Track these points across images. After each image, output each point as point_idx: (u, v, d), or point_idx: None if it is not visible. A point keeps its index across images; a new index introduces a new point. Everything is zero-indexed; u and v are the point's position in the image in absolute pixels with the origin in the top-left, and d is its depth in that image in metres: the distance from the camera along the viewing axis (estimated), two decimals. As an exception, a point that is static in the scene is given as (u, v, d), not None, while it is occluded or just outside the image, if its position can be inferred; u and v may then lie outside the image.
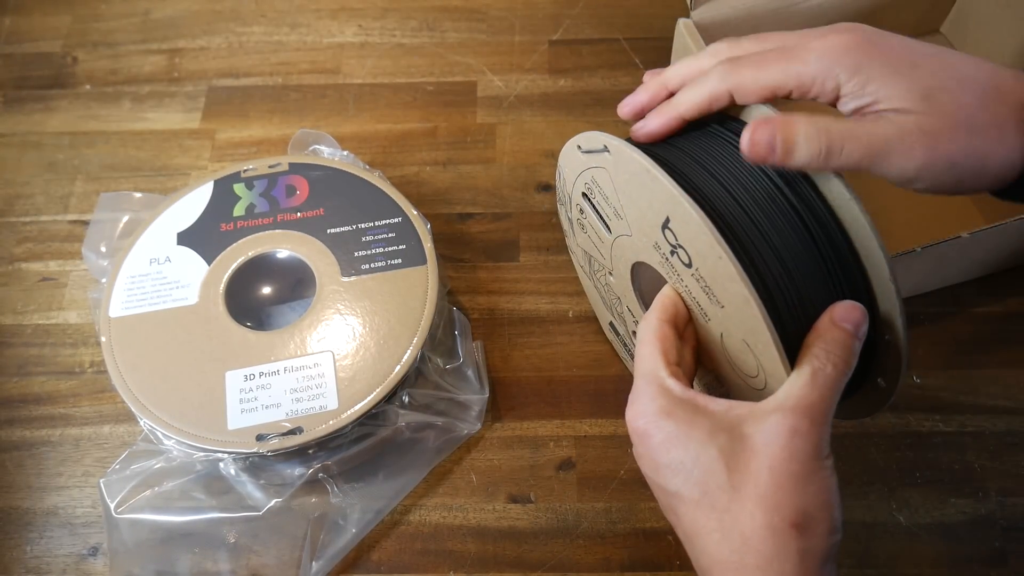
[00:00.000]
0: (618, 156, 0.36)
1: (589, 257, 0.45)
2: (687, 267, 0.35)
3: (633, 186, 0.36)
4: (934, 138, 0.31)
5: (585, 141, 0.39)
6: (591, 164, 0.39)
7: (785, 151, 0.32)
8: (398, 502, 0.46)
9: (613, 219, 0.39)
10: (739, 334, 0.34)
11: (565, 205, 0.45)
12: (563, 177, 0.43)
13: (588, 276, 0.47)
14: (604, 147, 0.37)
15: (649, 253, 0.37)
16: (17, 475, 0.48)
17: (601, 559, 0.44)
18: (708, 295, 0.34)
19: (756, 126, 0.32)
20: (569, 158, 0.41)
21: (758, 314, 0.31)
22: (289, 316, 0.50)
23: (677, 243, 0.34)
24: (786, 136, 0.32)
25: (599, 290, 0.46)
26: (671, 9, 0.63)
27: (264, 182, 0.51)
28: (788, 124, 0.32)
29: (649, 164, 0.34)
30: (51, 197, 0.58)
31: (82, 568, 0.45)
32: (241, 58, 0.64)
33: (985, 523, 0.45)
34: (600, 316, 0.50)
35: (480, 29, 0.65)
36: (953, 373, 0.49)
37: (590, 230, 0.43)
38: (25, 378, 0.51)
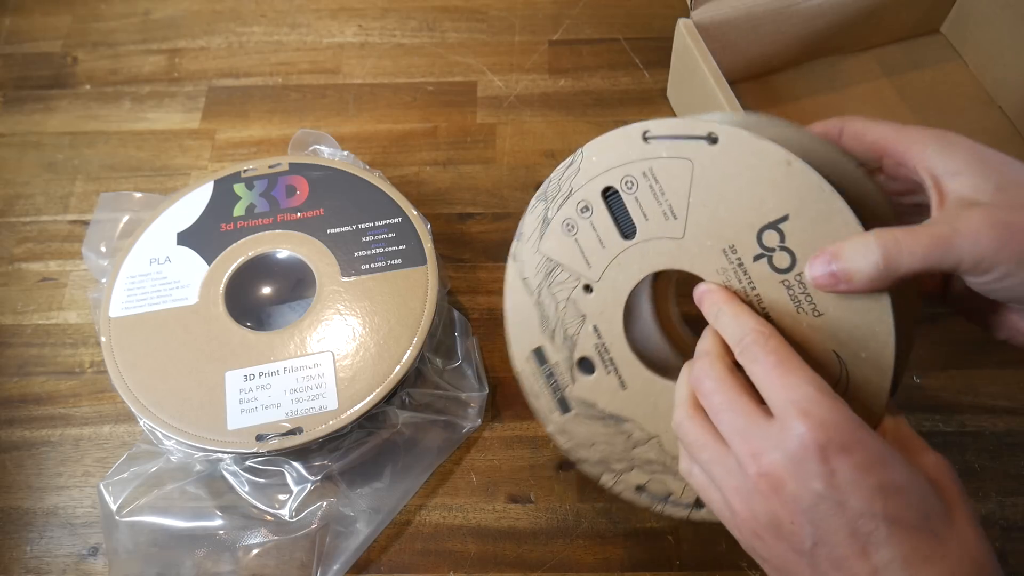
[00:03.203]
0: (735, 146, 0.34)
1: (551, 268, 0.39)
2: (780, 273, 0.34)
3: (742, 180, 0.34)
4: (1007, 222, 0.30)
5: (674, 127, 0.36)
6: (657, 154, 0.36)
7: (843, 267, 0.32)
8: (405, 504, 0.46)
9: (652, 220, 0.37)
10: (831, 344, 0.33)
11: (550, 202, 0.39)
12: (578, 171, 0.38)
13: (528, 291, 0.40)
14: (709, 135, 0.35)
15: (705, 259, 0.36)
16: (17, 475, 0.48)
17: (601, 559, 0.44)
18: (797, 305, 0.34)
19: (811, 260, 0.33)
20: (611, 149, 0.37)
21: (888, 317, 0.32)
22: (289, 316, 0.50)
23: (781, 245, 0.34)
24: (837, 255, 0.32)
25: (542, 308, 0.40)
26: (671, 9, 0.63)
27: (264, 182, 0.51)
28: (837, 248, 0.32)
29: (789, 156, 0.33)
30: (51, 197, 0.58)
31: (82, 568, 0.45)
32: (241, 58, 0.64)
33: (985, 523, 0.45)
34: (515, 342, 0.41)
35: (480, 29, 0.65)
36: (953, 373, 0.49)
37: (584, 234, 0.38)
38: (25, 378, 0.51)
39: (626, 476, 0.39)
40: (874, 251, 0.31)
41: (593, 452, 0.39)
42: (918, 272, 0.30)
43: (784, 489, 0.29)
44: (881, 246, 0.30)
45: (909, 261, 0.30)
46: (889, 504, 0.28)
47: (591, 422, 0.39)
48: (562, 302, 0.39)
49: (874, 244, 0.31)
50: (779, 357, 0.31)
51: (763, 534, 0.30)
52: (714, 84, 0.50)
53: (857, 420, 0.29)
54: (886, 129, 0.34)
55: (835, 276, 0.32)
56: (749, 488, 0.30)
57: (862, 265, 0.31)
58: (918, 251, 0.30)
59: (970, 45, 0.60)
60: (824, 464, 0.28)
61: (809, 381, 0.30)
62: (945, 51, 0.61)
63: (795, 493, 0.29)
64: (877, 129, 0.34)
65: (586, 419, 0.39)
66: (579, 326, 0.39)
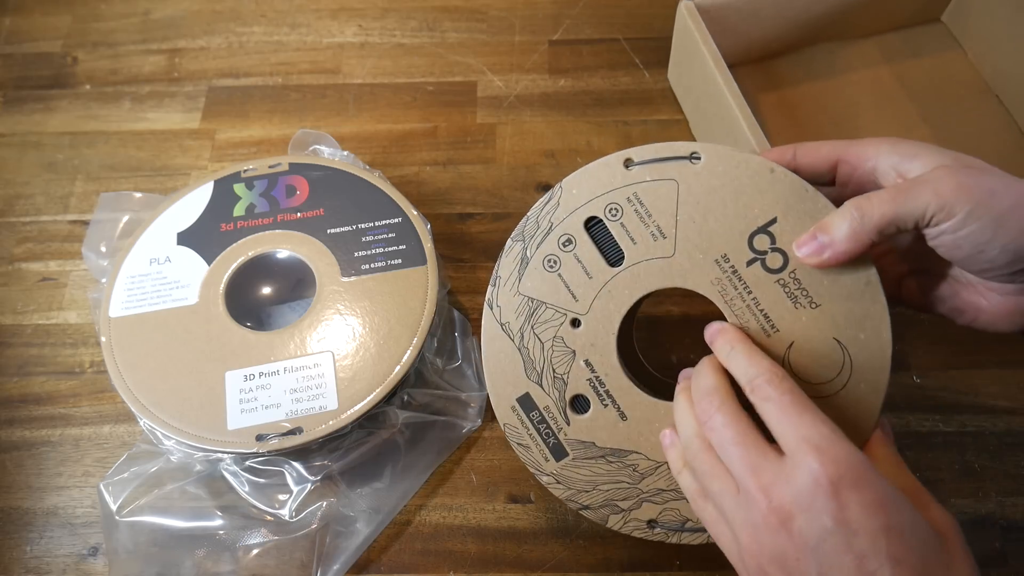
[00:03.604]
0: (718, 160, 0.37)
1: (534, 308, 0.39)
2: (775, 273, 0.36)
3: (728, 191, 0.37)
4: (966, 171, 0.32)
5: (656, 150, 0.38)
6: (641, 179, 0.38)
7: (829, 236, 0.34)
8: (405, 504, 0.46)
9: (640, 243, 0.38)
10: (831, 333, 0.35)
11: (528, 241, 0.39)
12: (558, 205, 0.39)
13: (509, 336, 0.39)
14: (691, 154, 0.37)
15: (699, 272, 0.37)
16: (17, 475, 0.48)
17: (601, 559, 0.44)
18: (794, 301, 0.36)
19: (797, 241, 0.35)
20: (592, 179, 0.38)
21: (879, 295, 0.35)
22: (289, 316, 0.50)
23: (773, 246, 0.36)
24: (821, 227, 0.35)
25: (526, 352, 0.39)
26: (671, 9, 0.63)
27: (264, 182, 0.51)
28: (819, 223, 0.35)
29: (771, 163, 0.36)
30: (51, 197, 0.58)
31: (82, 568, 0.45)
32: (241, 58, 0.64)
33: (985, 523, 0.45)
34: (499, 393, 0.40)
35: (480, 29, 0.65)
36: (953, 373, 0.49)
37: (568, 268, 0.39)
38: (25, 378, 0.51)
39: (636, 513, 0.38)
40: (848, 210, 0.33)
41: (596, 495, 0.39)
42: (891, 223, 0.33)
43: (793, 523, 0.30)
44: (855, 205, 0.33)
45: (880, 211, 0.33)
46: (893, 545, 0.28)
47: (591, 463, 0.39)
48: (548, 341, 0.39)
49: (849, 205, 0.34)
50: (793, 397, 0.32)
51: (768, 569, 0.31)
52: (713, 67, 0.51)
53: (867, 462, 0.30)
54: (838, 142, 0.36)
55: (820, 244, 0.34)
56: (757, 522, 0.31)
57: (840, 225, 0.34)
58: (886, 199, 0.33)
59: (970, 35, 0.60)
60: (834, 499, 0.29)
61: (823, 421, 0.31)
62: (945, 40, 0.61)
63: (803, 528, 0.29)
64: (829, 143, 0.36)
65: (585, 461, 0.39)
66: (569, 363, 0.39)
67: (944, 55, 0.61)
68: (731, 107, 0.49)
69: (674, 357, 0.49)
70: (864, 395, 0.35)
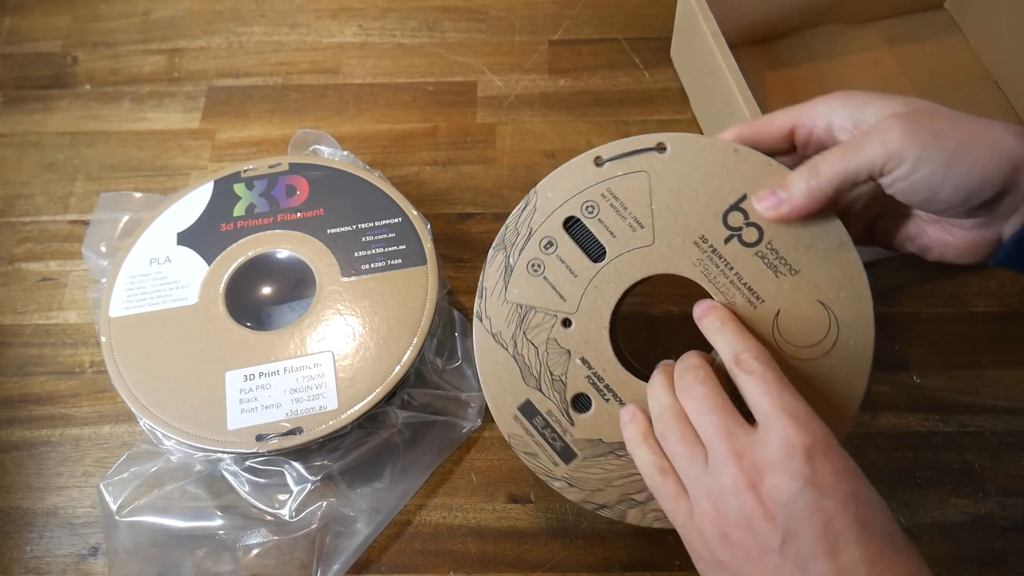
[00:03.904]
0: (683, 147, 0.38)
1: (523, 314, 0.39)
2: (752, 246, 0.37)
3: (697, 175, 0.38)
4: (913, 117, 0.33)
5: (624, 145, 0.39)
6: (613, 174, 0.39)
7: (787, 192, 0.36)
8: (405, 504, 0.46)
9: (620, 236, 0.39)
10: (814, 296, 0.37)
11: (510, 249, 0.40)
12: (535, 210, 0.40)
13: (503, 346, 0.39)
14: (658, 144, 0.39)
15: (680, 256, 0.38)
16: (17, 475, 0.48)
17: (601, 559, 0.44)
18: (774, 271, 0.37)
19: (757, 194, 0.37)
20: (566, 180, 0.39)
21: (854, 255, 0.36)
22: (289, 316, 0.50)
23: (747, 221, 0.37)
24: (781, 183, 0.36)
25: (521, 358, 0.39)
26: (671, 9, 0.63)
27: (264, 182, 0.51)
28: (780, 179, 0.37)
29: (734, 144, 0.38)
30: (51, 197, 0.58)
31: (82, 568, 0.45)
32: (241, 58, 0.64)
33: (985, 523, 0.45)
34: (499, 403, 0.40)
35: (480, 29, 0.65)
36: (953, 373, 0.49)
37: (552, 270, 0.39)
38: (25, 378, 0.51)
39: (653, 504, 0.38)
40: (804, 169, 0.35)
41: (610, 493, 0.38)
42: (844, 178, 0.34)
43: (763, 484, 0.30)
44: (810, 164, 0.35)
45: (831, 168, 0.34)
46: (861, 509, 0.30)
47: (601, 460, 0.39)
48: (542, 345, 0.39)
49: (802, 166, 0.35)
50: (776, 374, 0.33)
51: (731, 533, 0.31)
52: (715, 46, 0.51)
53: (834, 437, 0.31)
54: (789, 109, 0.37)
55: (779, 199, 0.36)
56: (726, 486, 0.31)
57: (798, 183, 0.35)
58: (836, 157, 0.34)
59: (971, 22, 0.61)
60: (808, 463, 0.30)
61: (801, 399, 0.32)
62: (947, 26, 0.62)
63: (774, 488, 0.30)
64: (781, 113, 0.38)
65: (595, 459, 0.39)
66: (566, 363, 0.39)
67: (945, 40, 0.61)
68: (730, 84, 0.49)
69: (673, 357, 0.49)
70: (855, 352, 0.37)
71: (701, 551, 0.33)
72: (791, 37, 0.61)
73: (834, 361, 0.37)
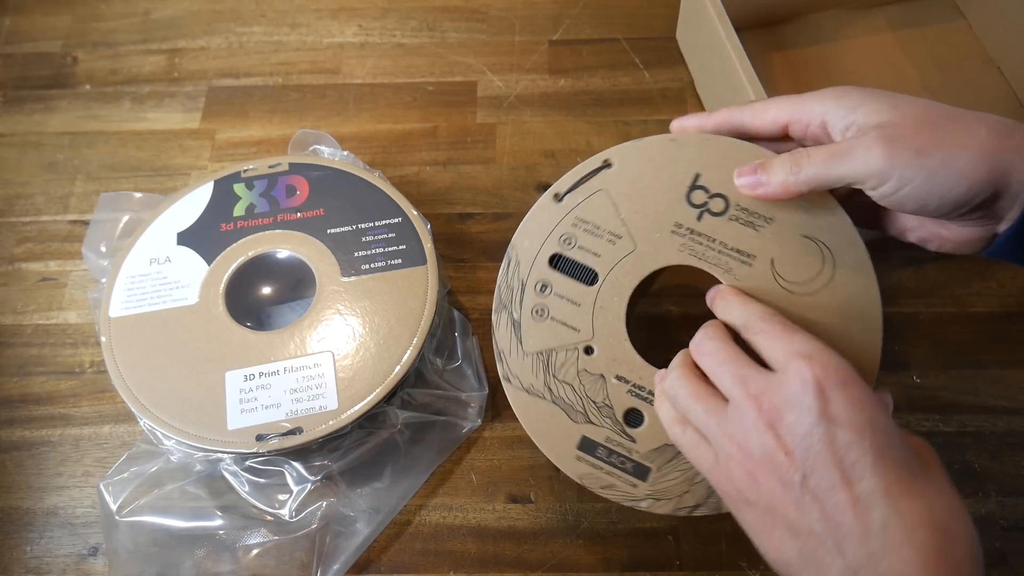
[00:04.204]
0: (626, 156, 0.41)
1: (547, 359, 0.40)
2: (723, 214, 0.40)
3: (648, 174, 0.40)
4: (894, 133, 0.33)
5: (575, 174, 0.41)
6: (575, 203, 0.41)
7: (766, 176, 0.37)
8: (405, 504, 0.46)
9: (605, 254, 0.40)
10: (797, 232, 0.39)
11: (511, 305, 0.41)
12: (519, 263, 0.41)
13: (539, 396, 0.40)
14: (604, 161, 0.41)
15: (665, 248, 0.40)
16: (17, 475, 0.48)
17: (601, 559, 0.44)
18: (752, 227, 0.39)
19: (739, 170, 0.38)
20: (536, 225, 0.41)
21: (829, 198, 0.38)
22: (289, 316, 0.50)
23: (710, 194, 0.40)
24: (763, 165, 0.37)
25: (561, 400, 0.40)
26: (671, 9, 0.63)
27: (264, 182, 0.51)
28: (763, 160, 0.38)
29: (668, 136, 0.41)
30: (51, 197, 0.58)
31: (82, 568, 0.45)
32: (241, 58, 0.64)
33: (985, 523, 0.45)
34: (558, 451, 0.40)
35: (480, 29, 0.65)
36: (953, 373, 0.49)
37: (556, 309, 0.40)
38: (25, 378, 0.51)
39: None
40: (787, 161, 0.36)
41: (698, 490, 0.38)
42: (822, 181, 0.35)
43: (782, 422, 0.31)
44: (794, 159, 0.36)
45: (811, 170, 0.35)
46: (876, 438, 0.30)
47: (675, 464, 0.39)
48: (575, 380, 0.40)
49: (787, 156, 0.36)
50: (784, 324, 0.34)
51: (755, 471, 0.32)
52: (720, 28, 0.51)
53: (852, 367, 0.32)
54: (781, 102, 0.38)
55: (757, 180, 0.37)
56: (747, 427, 0.32)
57: (778, 171, 0.36)
58: (819, 161, 0.35)
59: (974, 7, 0.61)
60: (820, 396, 0.31)
61: (810, 337, 0.33)
62: (950, 11, 0.62)
63: (792, 425, 0.31)
64: (774, 105, 0.38)
65: (668, 465, 0.39)
66: (603, 388, 0.40)
67: (948, 26, 0.62)
68: (735, 65, 0.50)
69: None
70: (854, 274, 0.39)
71: (729, 491, 0.33)
72: (796, 20, 0.62)
73: (839, 288, 0.38)
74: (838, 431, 0.30)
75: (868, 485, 0.29)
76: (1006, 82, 0.59)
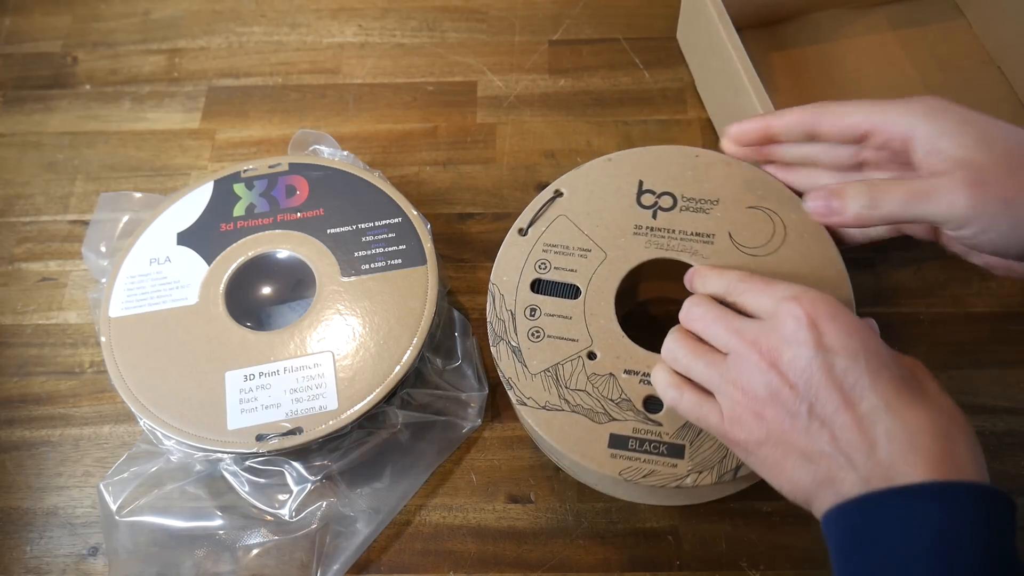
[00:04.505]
0: (575, 181, 0.46)
1: (555, 373, 0.41)
2: (673, 208, 0.44)
3: (597, 191, 0.45)
4: (982, 178, 0.33)
5: (532, 208, 0.46)
6: (539, 232, 0.45)
7: (840, 204, 0.37)
8: (405, 504, 0.46)
9: (580, 268, 0.44)
10: (741, 205, 0.44)
11: (507, 335, 0.43)
12: (503, 297, 0.44)
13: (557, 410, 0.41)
14: (556, 191, 0.46)
15: (632, 250, 0.44)
16: (17, 475, 0.48)
17: (601, 559, 0.44)
18: (702, 211, 0.44)
19: (811, 193, 0.39)
20: (510, 259, 0.44)
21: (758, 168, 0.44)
22: (289, 316, 0.50)
23: (658, 194, 0.45)
24: (837, 193, 0.37)
25: (580, 407, 0.41)
26: (671, 9, 0.63)
27: (264, 182, 0.51)
28: (837, 186, 0.38)
29: (603, 159, 0.46)
30: (51, 197, 0.58)
31: (82, 568, 0.45)
32: (241, 58, 0.64)
33: (985, 523, 0.45)
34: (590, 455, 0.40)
35: (480, 29, 0.65)
36: (953, 373, 0.49)
37: (550, 327, 0.42)
38: (25, 378, 0.51)
39: None
40: (864, 193, 0.36)
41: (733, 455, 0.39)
42: (899, 218, 0.36)
43: (782, 359, 0.33)
44: (870, 193, 0.36)
45: (889, 207, 0.36)
46: (871, 359, 0.32)
47: (706, 434, 0.39)
48: (587, 385, 0.41)
49: (865, 188, 0.37)
50: (765, 279, 0.36)
51: (763, 410, 0.33)
52: (720, 28, 0.51)
53: (838, 302, 0.34)
54: (866, 109, 0.37)
55: (830, 208, 0.38)
56: (750, 370, 0.34)
57: (852, 203, 0.37)
58: (899, 198, 0.35)
59: (975, 7, 0.61)
60: (813, 329, 0.33)
61: (792, 284, 0.35)
62: (951, 11, 0.62)
63: (791, 360, 0.33)
64: (856, 111, 0.38)
65: (699, 438, 0.39)
66: (616, 384, 0.41)
67: (948, 25, 0.62)
68: (735, 65, 0.50)
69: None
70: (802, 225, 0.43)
71: (739, 437, 0.35)
72: (796, 20, 0.62)
73: (796, 238, 0.43)
74: (835, 358, 0.32)
75: (869, 403, 0.31)
76: (1006, 82, 0.59)
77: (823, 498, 0.32)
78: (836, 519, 0.31)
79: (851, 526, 0.31)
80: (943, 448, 0.30)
